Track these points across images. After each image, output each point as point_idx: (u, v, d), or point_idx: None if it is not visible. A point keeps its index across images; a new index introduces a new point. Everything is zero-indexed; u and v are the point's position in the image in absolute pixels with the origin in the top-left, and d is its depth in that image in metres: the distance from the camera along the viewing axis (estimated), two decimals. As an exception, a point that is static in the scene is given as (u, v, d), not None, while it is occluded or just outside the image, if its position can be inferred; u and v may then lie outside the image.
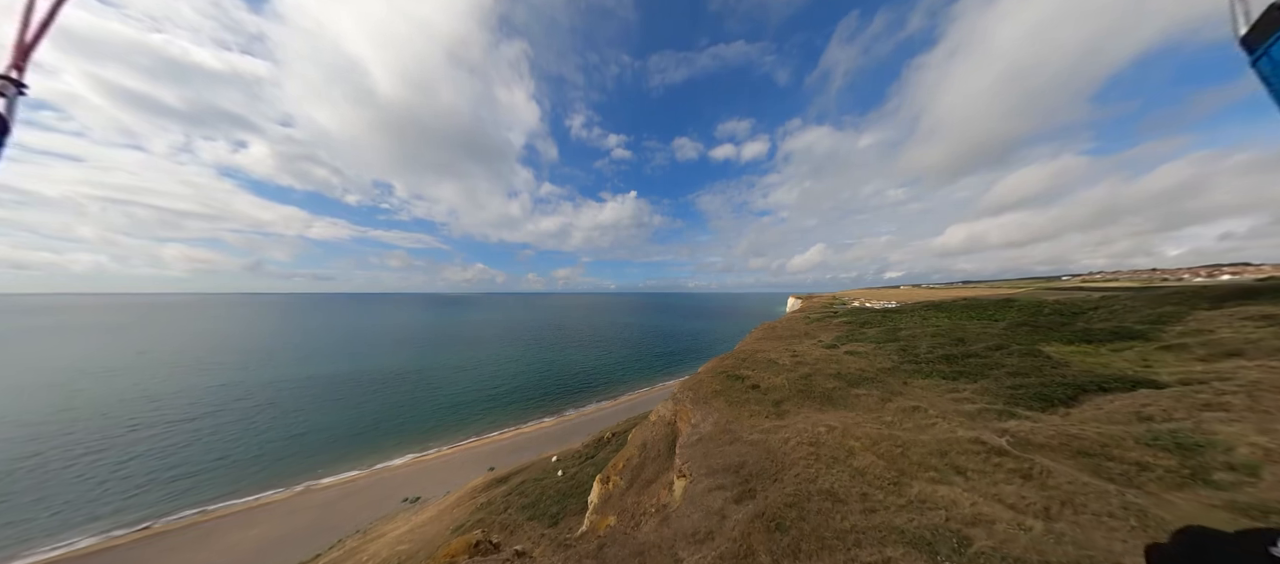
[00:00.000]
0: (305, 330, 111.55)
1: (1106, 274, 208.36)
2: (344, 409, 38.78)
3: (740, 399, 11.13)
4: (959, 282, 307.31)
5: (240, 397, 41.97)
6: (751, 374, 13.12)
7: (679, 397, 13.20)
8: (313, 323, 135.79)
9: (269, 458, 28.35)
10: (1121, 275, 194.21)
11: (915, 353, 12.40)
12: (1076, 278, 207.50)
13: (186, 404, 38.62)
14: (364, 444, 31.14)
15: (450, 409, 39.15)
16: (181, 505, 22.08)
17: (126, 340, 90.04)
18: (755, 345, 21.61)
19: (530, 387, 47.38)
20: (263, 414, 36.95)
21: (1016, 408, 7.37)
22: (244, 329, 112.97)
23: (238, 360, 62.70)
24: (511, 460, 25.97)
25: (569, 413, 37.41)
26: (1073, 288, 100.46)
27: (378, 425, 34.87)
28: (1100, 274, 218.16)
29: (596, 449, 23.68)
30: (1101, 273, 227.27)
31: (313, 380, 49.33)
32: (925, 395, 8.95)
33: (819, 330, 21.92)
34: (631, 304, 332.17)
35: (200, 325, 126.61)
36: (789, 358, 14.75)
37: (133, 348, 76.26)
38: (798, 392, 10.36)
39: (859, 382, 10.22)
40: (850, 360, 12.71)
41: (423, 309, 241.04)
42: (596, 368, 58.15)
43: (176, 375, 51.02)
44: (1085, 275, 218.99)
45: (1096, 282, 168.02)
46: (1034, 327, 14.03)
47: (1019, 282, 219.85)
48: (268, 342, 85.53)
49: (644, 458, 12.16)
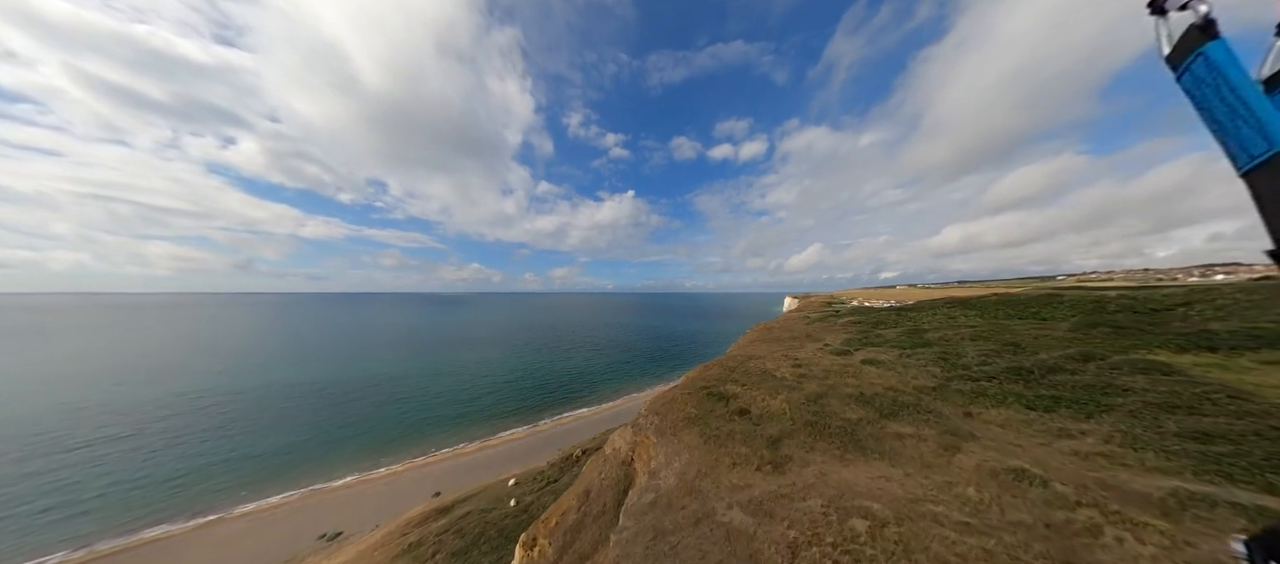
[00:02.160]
0: (284, 332, 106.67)
1: (1100, 274, 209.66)
2: (299, 420, 34.79)
3: (722, 432, 7.67)
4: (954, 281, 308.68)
5: (176, 409, 37.76)
6: (740, 392, 9.69)
7: (642, 424, 9.72)
8: (296, 324, 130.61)
9: (188, 480, 24.39)
10: (1116, 275, 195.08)
11: (963, 364, 9.08)
12: (1072, 277, 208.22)
13: (106, 418, 34.34)
14: (310, 461, 27.29)
15: (416, 419, 35.33)
16: (27, 550, 17.92)
17: (80, 343, 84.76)
18: (748, 349, 18.16)
19: (509, 393, 43.68)
20: (198, 426, 32.86)
21: (1226, 476, 3.92)
22: (218, 331, 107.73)
23: (195, 364, 58.21)
24: (466, 481, 22.32)
25: (544, 423, 33.79)
26: (1072, 287, 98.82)
27: (331, 438, 30.99)
28: (1094, 274, 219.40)
29: (561, 471, 20.13)
30: (1095, 272, 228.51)
31: (271, 387, 45.17)
32: (1013, 438, 5.57)
33: (823, 332, 18.58)
34: (628, 304, 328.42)
35: (172, 327, 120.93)
36: (790, 368, 11.34)
37: (80, 351, 71.25)
38: (805, 424, 6.95)
39: (895, 408, 6.86)
40: (872, 373, 9.37)
41: (414, 309, 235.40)
42: (582, 371, 54.55)
43: (111, 385, 46.54)
44: (1080, 275, 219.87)
45: (1093, 281, 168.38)
46: (1116, 329, 10.75)
47: (1014, 281, 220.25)
48: (239, 344, 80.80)
49: (584, 514, 8.69)
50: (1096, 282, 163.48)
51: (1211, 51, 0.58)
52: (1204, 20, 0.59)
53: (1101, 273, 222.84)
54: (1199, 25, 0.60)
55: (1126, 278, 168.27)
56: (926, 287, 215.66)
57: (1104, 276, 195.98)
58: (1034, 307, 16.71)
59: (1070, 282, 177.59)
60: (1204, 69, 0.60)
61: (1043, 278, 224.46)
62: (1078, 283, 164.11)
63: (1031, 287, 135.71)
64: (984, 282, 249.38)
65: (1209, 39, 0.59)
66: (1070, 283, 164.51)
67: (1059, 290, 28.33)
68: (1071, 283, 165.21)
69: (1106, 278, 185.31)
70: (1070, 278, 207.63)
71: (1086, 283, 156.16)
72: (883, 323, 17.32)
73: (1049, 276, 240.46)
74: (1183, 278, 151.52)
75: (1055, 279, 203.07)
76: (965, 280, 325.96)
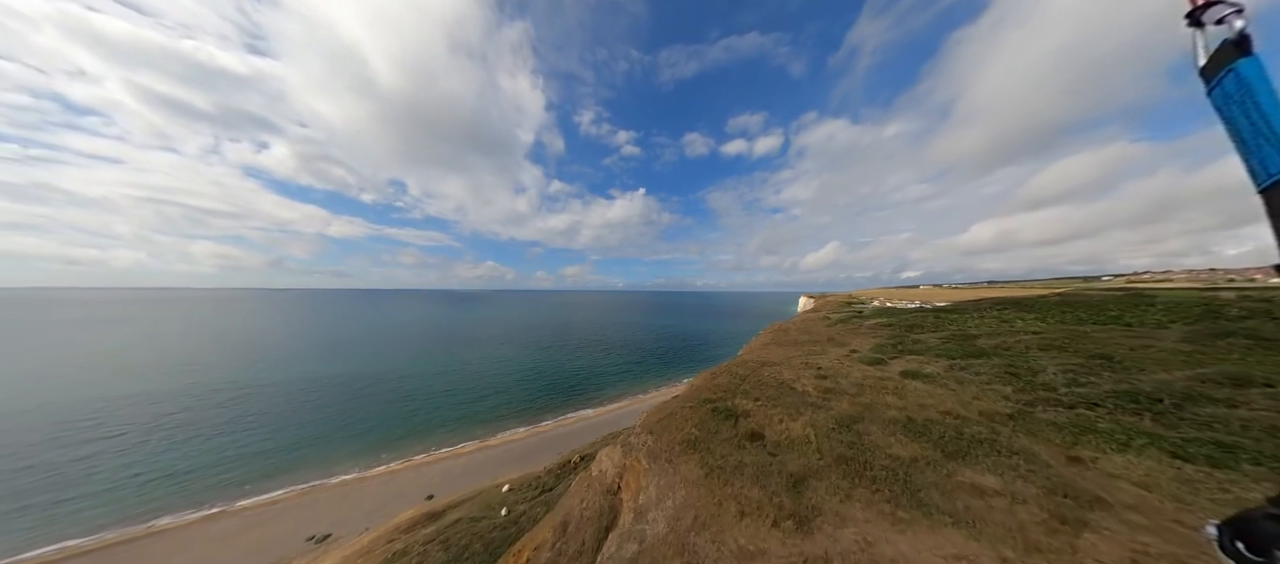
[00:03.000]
0: (307, 327, 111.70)
1: (1155, 273, 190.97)
2: (310, 414, 35.37)
3: (728, 463, 6.05)
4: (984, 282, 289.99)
5: (198, 400, 39.26)
6: (753, 408, 7.99)
7: (633, 443, 8.21)
8: (319, 319, 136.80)
9: (199, 473, 24.82)
10: (1175, 275, 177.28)
11: (1044, 383, 7.02)
12: (1121, 278, 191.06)
13: (133, 409, 35.92)
14: (315, 455, 27.42)
15: (422, 416, 35.24)
16: (42, 539, 18.36)
17: (127, 335, 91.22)
18: (762, 353, 16.29)
19: (514, 392, 43.21)
20: (215, 419, 33.87)
21: None
22: (248, 325, 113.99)
23: (223, 358, 61.17)
24: (462, 483, 21.53)
25: (546, 424, 32.87)
26: (1121, 288, 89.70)
27: (338, 433, 31.20)
28: (1149, 274, 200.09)
29: (557, 478, 18.93)
30: (1149, 272, 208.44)
31: (289, 381, 46.54)
32: (1172, 510, 3.68)
33: (847, 335, 16.46)
34: (638, 303, 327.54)
35: (210, 320, 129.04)
36: (812, 379, 9.52)
37: (125, 343, 76.45)
38: (837, 460, 5.24)
39: (962, 444, 5.04)
40: (920, 390, 7.48)
41: (430, 306, 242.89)
42: (589, 371, 53.62)
43: (147, 376, 49.21)
44: (1131, 275, 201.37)
45: (1146, 281, 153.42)
46: (1257, 341, 8.21)
47: (1054, 281, 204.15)
48: (264, 338, 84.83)
49: (559, 552, 7.26)
50: (1151, 282, 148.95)
51: (1243, 68, 0.59)
52: (1239, 36, 0.60)
53: (1156, 272, 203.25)
54: (1233, 40, 0.60)
55: (1190, 278, 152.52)
56: (954, 286, 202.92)
57: (1160, 276, 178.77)
58: (1113, 309, 13.81)
59: (1120, 282, 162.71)
60: (1234, 85, 0.60)
61: (1087, 278, 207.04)
62: (1129, 283, 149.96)
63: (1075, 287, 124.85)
64: (1018, 282, 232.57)
65: (1242, 55, 0.60)
66: (1120, 283, 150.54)
67: (1136, 290, 24.72)
68: (1121, 283, 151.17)
69: (1164, 278, 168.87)
70: (1119, 278, 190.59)
71: (1139, 283, 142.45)
72: (919, 326, 15.02)
73: (1093, 277, 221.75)
74: (1264, 279, 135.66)
75: (1100, 279, 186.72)
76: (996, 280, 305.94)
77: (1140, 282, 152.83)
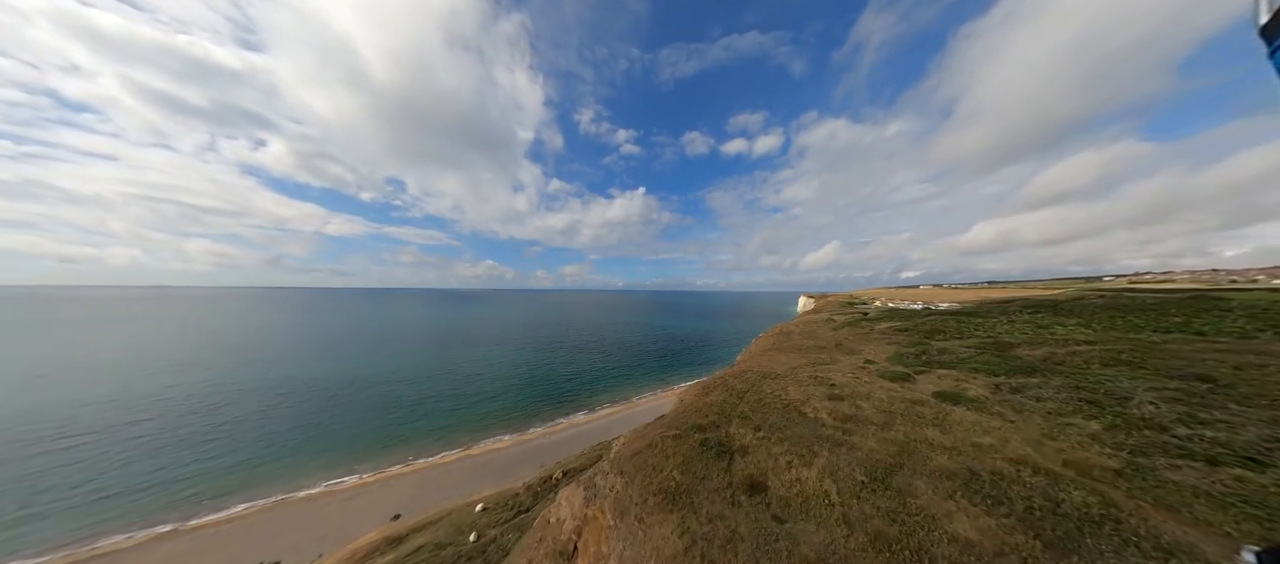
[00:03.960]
0: (299, 327, 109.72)
1: (1157, 275, 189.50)
2: (287, 421, 33.56)
3: (718, 534, 4.29)
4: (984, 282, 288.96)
5: (173, 405, 37.42)
6: (752, 443, 6.24)
7: (599, 486, 6.46)
8: (311, 318, 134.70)
9: (161, 486, 23.04)
10: (1177, 276, 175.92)
11: (1145, 418, 5.26)
12: (1123, 279, 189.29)
13: (104, 415, 34.09)
14: (285, 466, 25.68)
15: (404, 422, 33.48)
16: None
17: (111, 335, 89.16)
18: (762, 361, 14.53)
19: (504, 396, 41.45)
20: (187, 426, 32.04)
21: None
22: (238, 324, 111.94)
23: (208, 359, 59.27)
24: (435, 499, 19.80)
25: (534, 431, 31.13)
26: (1128, 288, 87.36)
27: (313, 441, 29.43)
28: (1149, 274, 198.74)
29: (536, 496, 17.20)
30: (1150, 273, 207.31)
31: (272, 385, 44.71)
32: None
33: (857, 341, 14.73)
34: (637, 302, 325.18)
35: (201, 319, 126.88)
36: (824, 399, 7.79)
37: (106, 342, 74.43)
38: (875, 541, 3.49)
39: (1071, 528, 3.31)
40: (967, 423, 5.76)
41: (427, 305, 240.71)
42: (583, 374, 51.87)
43: (123, 377, 47.32)
44: (1133, 276, 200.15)
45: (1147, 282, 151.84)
46: None
47: (1054, 282, 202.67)
48: (253, 338, 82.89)
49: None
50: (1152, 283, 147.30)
51: None
52: None
53: (1157, 273, 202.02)
54: None
55: (1192, 279, 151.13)
56: (954, 287, 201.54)
57: (1161, 277, 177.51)
58: (1175, 313, 11.94)
59: (1122, 282, 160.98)
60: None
61: (1087, 278, 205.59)
62: (1131, 283, 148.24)
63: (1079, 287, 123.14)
64: (1018, 282, 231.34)
65: None
66: (1122, 284, 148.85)
67: (1197, 291, 22.71)
68: (1123, 284, 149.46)
69: (1165, 278, 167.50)
70: (1120, 279, 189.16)
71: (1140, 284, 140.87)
72: (940, 331, 13.27)
73: (1094, 277, 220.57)
74: (1267, 279, 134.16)
75: (1101, 280, 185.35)
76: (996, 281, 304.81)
77: (1142, 282, 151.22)
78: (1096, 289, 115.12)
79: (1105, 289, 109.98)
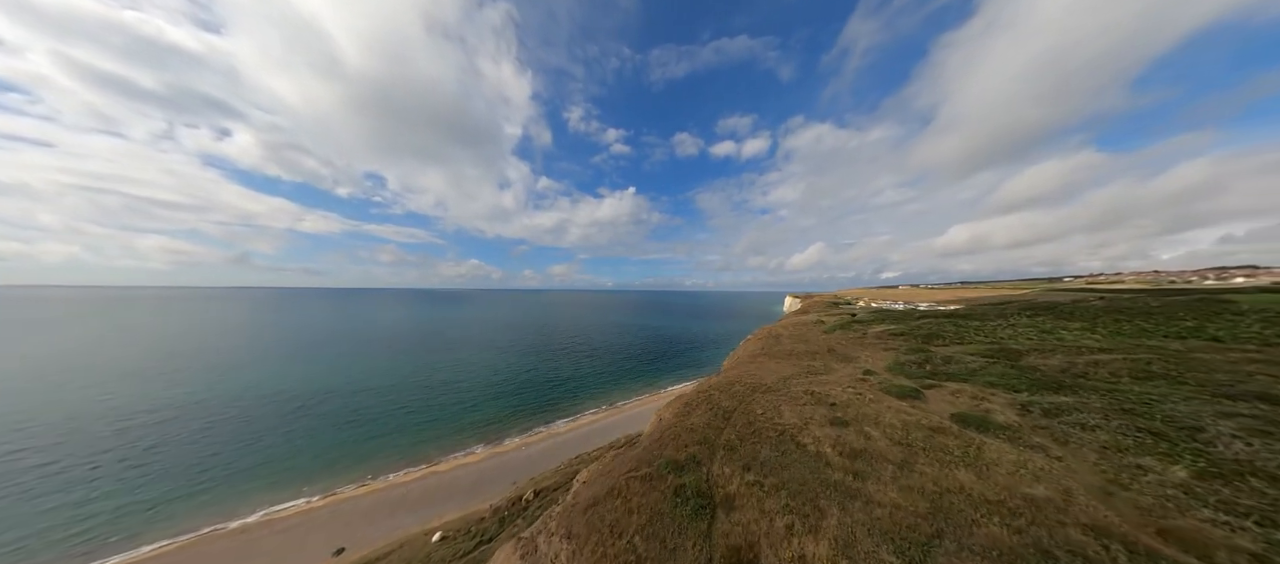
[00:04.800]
0: (259, 330, 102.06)
1: (1109, 276, 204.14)
2: (231, 436, 30.01)
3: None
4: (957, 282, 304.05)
5: (86, 424, 33.08)
6: (740, 490, 4.83)
7: (542, 552, 4.93)
8: (276, 320, 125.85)
9: (57, 526, 19.66)
10: (1126, 277, 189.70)
11: (1240, 460, 4.20)
12: (1080, 279, 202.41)
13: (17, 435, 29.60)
14: (222, 490, 22.64)
15: (365, 435, 30.60)
16: None
17: (29, 342, 80.00)
18: (751, 369, 13.27)
19: (480, 403, 38.94)
20: (99, 448, 28.10)
21: None
22: (187, 327, 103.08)
23: (147, 367, 53.52)
24: (388, 527, 17.60)
25: (509, 442, 29.05)
26: (1084, 288, 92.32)
27: (257, 460, 26.28)
28: (1102, 276, 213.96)
29: (501, 523, 15.35)
30: (1103, 275, 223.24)
31: (216, 397, 40.47)
32: None
33: (852, 345, 13.75)
34: (626, 303, 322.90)
35: (144, 322, 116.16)
36: (825, 424, 6.52)
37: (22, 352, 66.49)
38: None
39: None
40: (1008, 461, 4.61)
41: (406, 306, 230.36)
42: (567, 378, 49.79)
43: (36, 391, 41.86)
44: (1089, 276, 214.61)
45: (1103, 283, 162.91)
46: None
47: (1020, 282, 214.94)
48: (203, 342, 76.09)
49: None
50: (1107, 283, 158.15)
51: None
52: None
53: (1109, 275, 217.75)
54: None
55: (1138, 280, 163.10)
56: (931, 287, 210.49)
57: (1113, 278, 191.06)
58: (1185, 317, 11.14)
59: (1080, 283, 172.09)
60: None
61: (1049, 279, 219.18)
62: (1088, 284, 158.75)
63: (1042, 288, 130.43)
64: (989, 282, 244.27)
65: None
66: (1080, 285, 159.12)
67: (1205, 292, 22.58)
68: (1081, 285, 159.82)
69: (1117, 280, 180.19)
70: (1079, 279, 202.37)
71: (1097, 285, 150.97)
72: (938, 336, 12.41)
73: (1056, 277, 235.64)
74: (1198, 280, 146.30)
75: (1062, 281, 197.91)
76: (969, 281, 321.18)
77: (1098, 282, 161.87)
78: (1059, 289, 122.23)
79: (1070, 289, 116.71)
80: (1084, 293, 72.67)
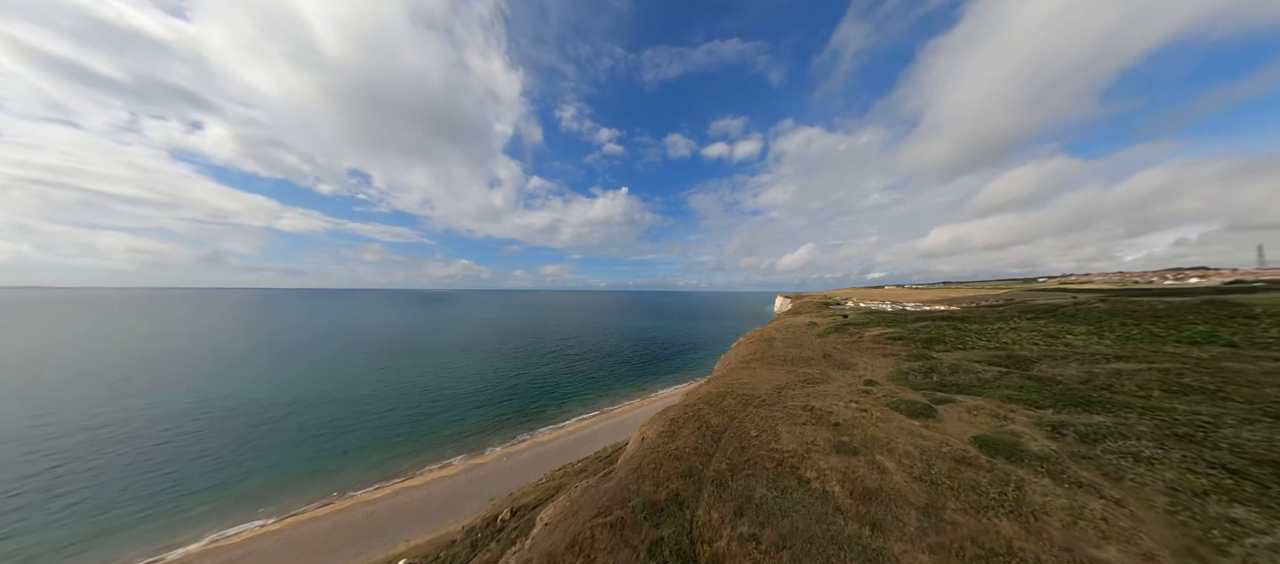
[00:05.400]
0: (229, 335, 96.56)
1: (1079, 277, 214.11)
2: (184, 451, 27.52)
3: None
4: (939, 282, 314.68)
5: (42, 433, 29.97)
6: (731, 550, 3.86)
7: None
8: (253, 324, 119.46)
9: None
10: (1095, 277, 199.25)
11: None
12: (1053, 280, 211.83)
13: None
14: (167, 510, 20.50)
15: (334, 447, 28.51)
16: None
17: (-21, 343, 73.46)
18: (744, 378, 12.34)
19: (462, 411, 37.09)
20: (20, 472, 25.26)
21: None
22: (142, 332, 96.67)
23: (76, 379, 49.37)
24: (346, 556, 15.97)
25: (491, 453, 27.50)
26: (1058, 288, 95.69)
27: (211, 477, 24.02)
28: (1073, 276, 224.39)
29: (473, 547, 13.98)
30: (1073, 276, 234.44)
31: (161, 416, 37.37)
32: None
33: (847, 349, 13.02)
34: (618, 303, 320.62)
35: (97, 327, 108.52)
36: (828, 451, 5.58)
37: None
38: None
39: None
40: (1059, 509, 3.78)
41: (392, 307, 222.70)
42: (556, 383, 48.22)
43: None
44: (1062, 277, 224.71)
45: (1073, 284, 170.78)
46: None
47: (998, 282, 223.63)
48: (164, 347, 71.15)
49: None
50: (1078, 284, 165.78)
51: None
52: None
53: (1079, 276, 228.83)
54: None
55: (1106, 281, 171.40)
56: (915, 287, 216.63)
57: (1083, 279, 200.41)
58: (1196, 321, 10.06)
59: (1053, 283, 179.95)
60: None
61: (1025, 279, 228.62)
62: (1061, 284, 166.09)
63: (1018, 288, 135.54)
64: (969, 282, 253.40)
65: None
66: (1053, 285, 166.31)
67: (1216, 296, 22.21)
68: (1054, 285, 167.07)
69: (1086, 281, 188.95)
70: (1052, 279, 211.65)
71: (1068, 285, 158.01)
72: (938, 340, 11.76)
73: (1031, 278, 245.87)
74: (1159, 280, 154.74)
75: (1037, 281, 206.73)
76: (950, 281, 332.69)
77: (1070, 283, 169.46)
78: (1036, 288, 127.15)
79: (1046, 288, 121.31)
80: (1077, 293, 74.90)
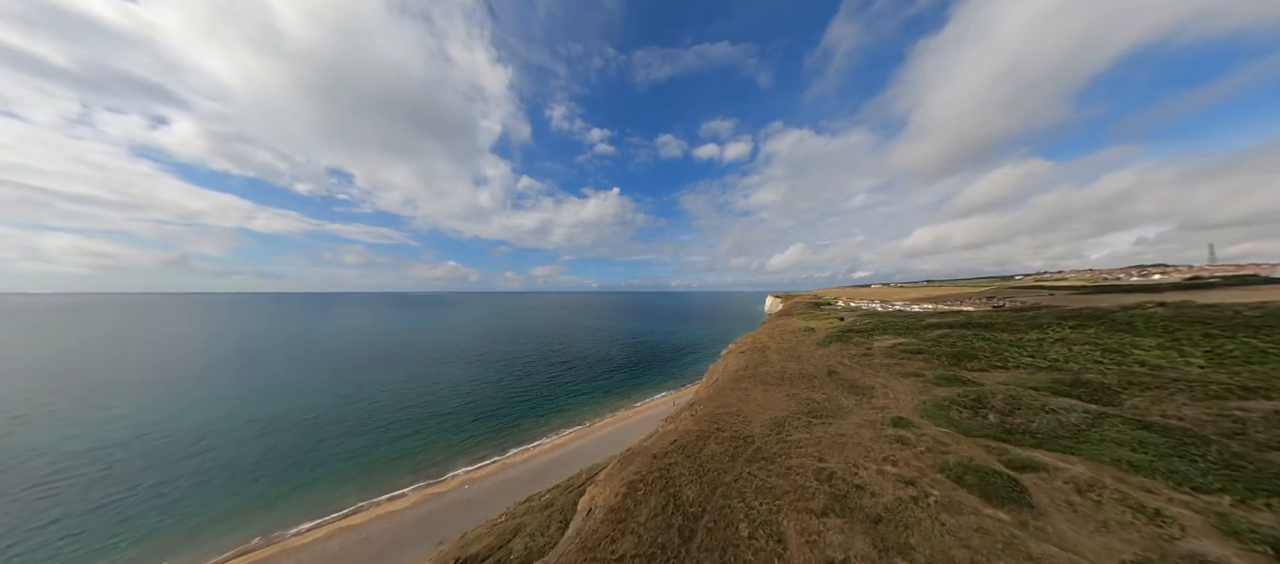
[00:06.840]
0: (181, 345, 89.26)
1: (1052, 274, 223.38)
2: (91, 490, 23.42)
3: None
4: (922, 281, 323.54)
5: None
6: None
7: None
8: (214, 332, 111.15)
9: None
10: (1068, 275, 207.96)
11: None
12: (1029, 277, 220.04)
13: None
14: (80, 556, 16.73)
15: (277, 474, 24.88)
16: None
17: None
18: (734, 403, 9.96)
19: (431, 427, 33.69)
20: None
21: None
22: (80, 342, 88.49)
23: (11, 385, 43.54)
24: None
25: (452, 477, 24.41)
26: (1033, 287, 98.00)
27: (130, 517, 20.28)
28: (1046, 274, 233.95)
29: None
30: (1046, 273, 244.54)
31: (76, 449, 32.69)
32: None
33: (855, 365, 10.87)
34: (610, 304, 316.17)
35: (27, 339, 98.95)
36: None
37: None
38: None
39: None
40: None
41: (372, 312, 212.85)
42: (538, 394, 45.04)
43: None
44: (1037, 275, 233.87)
45: (1049, 281, 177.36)
46: None
47: (979, 281, 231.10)
48: (89, 364, 64.45)
49: None
50: (1053, 281, 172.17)
51: None
52: None
53: (1052, 273, 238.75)
54: None
55: (1078, 278, 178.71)
56: (899, 286, 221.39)
57: (1056, 276, 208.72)
58: (1260, 324, 8.65)
59: (1029, 281, 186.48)
60: None
61: (1002, 277, 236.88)
62: (1036, 282, 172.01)
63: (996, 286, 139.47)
64: (949, 281, 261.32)
65: None
66: (1029, 282, 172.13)
67: (1016, 288, 21.42)
68: (1030, 282, 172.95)
69: (1059, 277, 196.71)
70: (1028, 277, 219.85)
71: (1044, 283, 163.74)
72: (969, 355, 9.54)
73: (1007, 276, 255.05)
74: (1126, 277, 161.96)
75: (1013, 278, 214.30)
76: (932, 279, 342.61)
77: (1045, 280, 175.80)
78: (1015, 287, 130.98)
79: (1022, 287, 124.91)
80: (1053, 290, 75.71)
